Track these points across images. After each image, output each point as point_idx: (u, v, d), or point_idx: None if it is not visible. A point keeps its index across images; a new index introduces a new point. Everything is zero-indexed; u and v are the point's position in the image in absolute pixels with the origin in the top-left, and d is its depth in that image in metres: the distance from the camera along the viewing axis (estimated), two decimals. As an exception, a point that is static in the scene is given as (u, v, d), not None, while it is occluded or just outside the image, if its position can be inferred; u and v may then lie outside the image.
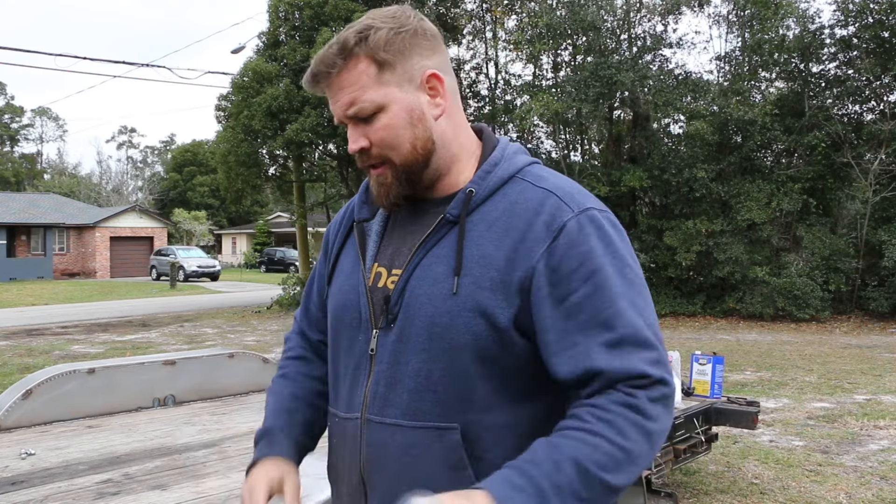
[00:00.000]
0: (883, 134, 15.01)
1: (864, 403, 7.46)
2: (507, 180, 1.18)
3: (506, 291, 1.10)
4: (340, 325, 1.26)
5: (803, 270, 15.05)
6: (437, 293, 1.13)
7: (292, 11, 18.55)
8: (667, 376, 1.08)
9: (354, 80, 1.15)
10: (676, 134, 18.42)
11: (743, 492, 4.79)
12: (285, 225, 45.10)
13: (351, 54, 1.14)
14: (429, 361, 1.13)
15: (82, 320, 16.79)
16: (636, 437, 1.04)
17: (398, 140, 1.16)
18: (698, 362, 4.72)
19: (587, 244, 1.10)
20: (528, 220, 1.13)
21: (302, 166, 20.68)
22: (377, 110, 1.15)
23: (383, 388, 1.17)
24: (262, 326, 15.59)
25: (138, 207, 42.83)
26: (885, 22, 15.45)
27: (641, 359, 1.06)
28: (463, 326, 1.11)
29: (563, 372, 1.09)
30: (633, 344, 1.07)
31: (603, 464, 1.02)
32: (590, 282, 1.09)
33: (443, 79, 1.18)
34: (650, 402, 1.05)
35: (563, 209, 1.13)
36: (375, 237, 1.25)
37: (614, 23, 17.73)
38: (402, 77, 1.15)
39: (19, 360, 10.70)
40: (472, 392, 1.12)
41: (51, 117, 72.52)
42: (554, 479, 1.01)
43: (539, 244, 1.11)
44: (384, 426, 1.16)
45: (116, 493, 2.50)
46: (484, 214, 1.16)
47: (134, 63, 27.60)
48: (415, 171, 1.18)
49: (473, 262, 1.12)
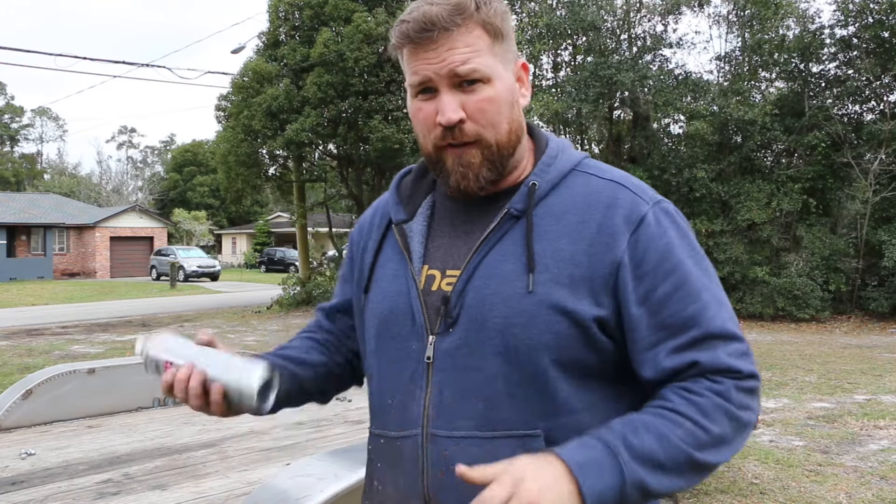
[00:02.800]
0: (883, 134, 15.01)
1: (864, 403, 7.46)
2: (567, 173, 1.13)
3: (590, 287, 1.05)
4: (387, 335, 1.15)
5: (803, 270, 15.05)
6: (510, 292, 1.05)
7: (292, 11, 18.54)
8: (755, 370, 1.06)
9: (471, 43, 1.07)
10: (676, 134, 18.43)
11: (743, 492, 4.78)
12: (285, 225, 45.08)
13: (470, 17, 1.07)
14: (505, 365, 1.05)
15: (82, 320, 16.79)
16: (722, 420, 1.01)
17: (500, 117, 1.09)
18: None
19: (666, 237, 1.07)
20: (604, 213, 1.08)
21: (302, 166, 20.67)
22: (485, 80, 1.07)
23: (450, 399, 1.08)
24: (262, 326, 15.59)
25: (138, 207, 42.82)
26: (885, 22, 15.44)
27: (729, 352, 1.04)
28: (543, 326, 1.04)
29: (649, 371, 1.06)
30: (721, 338, 1.04)
31: (684, 438, 0.99)
32: (673, 276, 1.06)
33: (529, 70, 1.16)
34: (738, 391, 1.02)
35: (639, 201, 1.09)
36: (420, 238, 1.17)
37: (614, 23, 17.74)
38: (506, 56, 1.11)
39: (19, 360, 10.69)
40: (554, 395, 1.05)
41: (51, 117, 72.59)
42: (628, 439, 0.98)
43: (620, 237, 1.06)
44: (453, 440, 1.06)
45: (116, 492, 2.50)
46: (549, 208, 1.10)
47: (134, 63, 27.59)
48: (506, 156, 1.11)
49: (547, 257, 1.06)
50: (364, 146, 17.76)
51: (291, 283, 20.11)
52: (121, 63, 21.36)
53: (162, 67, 47.23)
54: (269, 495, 1.97)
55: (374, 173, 19.40)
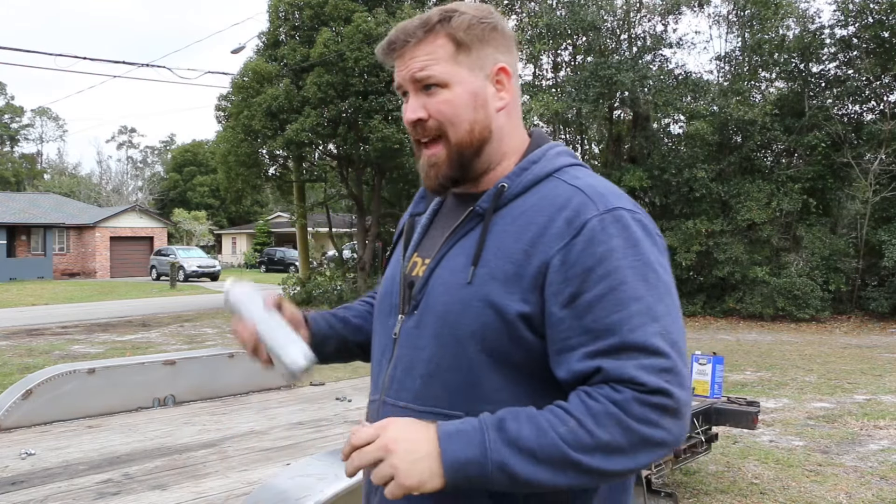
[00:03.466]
0: (883, 134, 15.01)
1: (864, 403, 7.46)
2: (543, 178, 1.19)
3: (519, 284, 1.10)
4: (380, 312, 1.32)
5: (803, 270, 15.06)
6: (454, 282, 1.15)
7: (292, 11, 18.53)
8: (671, 388, 1.02)
9: (430, 52, 1.19)
10: (676, 134, 18.43)
11: (743, 492, 4.78)
12: (285, 225, 45.08)
13: (432, 29, 1.19)
14: (440, 348, 1.15)
15: (82, 320, 16.79)
16: (612, 428, 1.01)
17: (458, 118, 1.19)
18: (698, 362, 4.72)
19: (608, 244, 1.08)
20: (551, 216, 1.12)
21: (302, 166, 20.66)
22: (442, 84, 1.18)
23: (400, 372, 1.20)
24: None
25: (138, 207, 42.81)
26: (885, 22, 15.45)
27: (640, 365, 1.03)
28: (473, 316, 1.11)
29: (562, 373, 1.08)
30: (637, 350, 1.03)
31: (564, 436, 1.01)
32: (604, 283, 1.06)
33: (510, 75, 1.23)
34: (638, 404, 1.01)
35: (588, 206, 1.11)
36: (421, 229, 1.31)
37: (614, 23, 17.74)
38: (475, 63, 1.20)
39: (19, 360, 10.69)
40: (478, 383, 1.12)
41: (51, 117, 72.56)
42: (504, 423, 1.02)
43: (557, 240, 1.10)
44: (397, 408, 1.19)
45: (116, 493, 2.50)
46: (512, 209, 1.17)
47: (134, 63, 27.60)
48: (466, 155, 1.20)
49: (491, 253, 1.13)
50: (364, 146, 17.75)
51: (291, 283, 20.11)
52: (121, 63, 21.39)
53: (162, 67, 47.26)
54: (269, 495, 1.98)
55: (374, 173, 19.40)
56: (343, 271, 20.57)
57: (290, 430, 3.36)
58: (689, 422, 1.07)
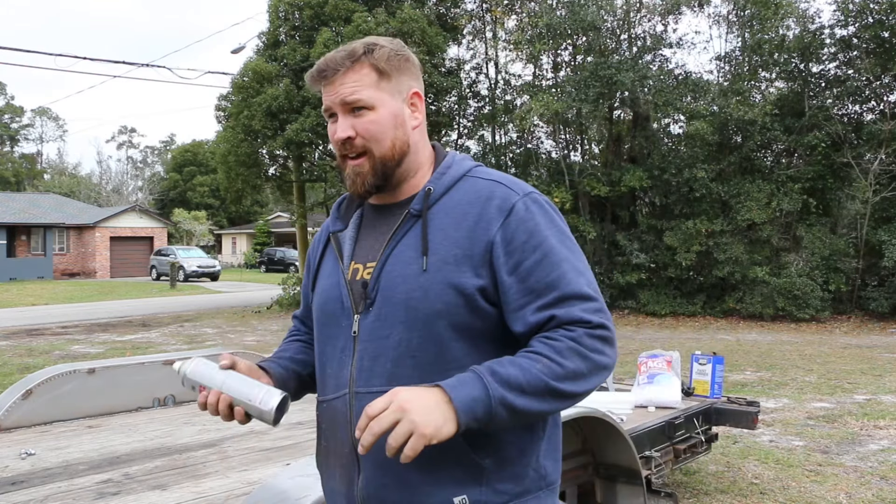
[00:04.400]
0: (883, 134, 15.01)
1: (864, 403, 7.46)
2: (459, 179, 1.41)
3: (470, 263, 1.31)
4: (325, 318, 1.44)
5: (803, 270, 15.05)
6: (410, 272, 1.32)
7: (292, 11, 18.54)
8: (606, 322, 1.29)
9: (357, 80, 1.37)
10: (676, 134, 18.42)
11: (743, 492, 4.78)
12: (285, 225, 45.08)
13: (358, 60, 1.38)
14: (407, 331, 1.31)
15: (82, 320, 16.79)
16: (575, 358, 1.24)
17: (382, 136, 1.38)
18: (698, 362, 4.72)
19: (533, 220, 1.33)
20: (482, 205, 1.34)
21: (302, 166, 20.67)
22: (369, 107, 1.37)
23: (368, 362, 1.34)
24: (262, 326, 15.59)
25: (138, 207, 42.81)
26: (885, 22, 15.44)
27: (583, 308, 1.28)
28: (435, 297, 1.30)
29: (519, 326, 1.30)
30: (577, 298, 1.29)
31: (542, 370, 1.22)
32: (538, 250, 1.31)
33: (422, 98, 1.45)
34: (589, 337, 1.26)
35: (511, 193, 1.36)
36: (350, 241, 1.46)
37: (614, 23, 17.73)
38: (394, 88, 1.40)
39: (19, 360, 10.69)
40: (447, 353, 1.30)
41: (51, 117, 72.55)
42: (493, 368, 1.22)
43: (494, 222, 1.32)
44: (370, 394, 1.30)
45: (116, 493, 2.50)
46: (442, 206, 1.37)
47: (134, 63, 27.60)
48: (389, 167, 1.39)
49: (437, 243, 1.33)
50: (364, 146, 17.72)
51: (291, 283, 20.11)
52: (121, 63, 21.40)
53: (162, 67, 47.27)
54: (269, 495, 1.98)
55: (374, 173, 19.37)
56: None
57: (290, 430, 3.36)
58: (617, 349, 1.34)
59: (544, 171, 18.14)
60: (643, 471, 3.41)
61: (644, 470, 3.48)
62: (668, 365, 4.42)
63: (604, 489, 3.42)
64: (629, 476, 3.34)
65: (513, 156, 19.36)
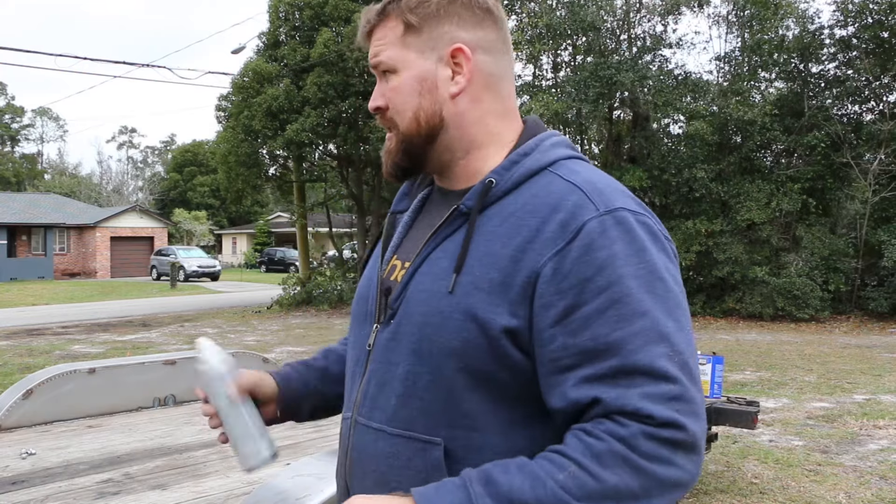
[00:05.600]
0: (882, 134, 15.02)
1: (864, 403, 7.46)
2: (537, 172, 1.04)
3: (506, 296, 0.96)
4: (354, 319, 1.18)
5: (803, 270, 15.06)
6: (435, 290, 1.01)
7: (292, 12, 18.55)
8: (683, 419, 0.89)
9: (382, 36, 1.10)
10: (676, 134, 18.42)
11: (742, 491, 4.79)
12: (285, 225, 45.06)
13: (385, 12, 1.10)
14: (417, 364, 1.01)
15: (83, 320, 16.79)
16: (620, 470, 0.87)
17: (403, 106, 1.08)
18: (698, 362, 4.72)
19: (609, 249, 0.94)
20: (544, 217, 0.97)
21: (302, 166, 20.68)
22: (392, 70, 1.09)
23: (374, 389, 1.07)
24: (262, 326, 15.59)
25: (139, 207, 42.81)
26: (885, 22, 15.45)
27: (646, 394, 0.89)
28: (453, 330, 0.97)
29: (556, 401, 0.95)
30: (644, 373, 0.90)
31: (565, 484, 0.87)
32: (604, 294, 0.92)
33: (469, 56, 1.07)
34: (647, 439, 0.88)
35: (586, 207, 0.97)
36: (402, 228, 1.17)
37: (614, 23, 17.74)
38: (426, 44, 1.07)
39: (20, 360, 10.70)
40: (458, 405, 0.99)
41: (51, 117, 72.56)
42: (492, 475, 0.90)
43: (550, 245, 0.95)
44: (369, 430, 1.07)
45: (117, 492, 2.50)
46: (503, 207, 1.02)
47: (134, 63, 27.58)
48: (415, 144, 1.09)
49: (476, 259, 0.99)
50: (364, 146, 17.76)
51: (291, 284, 20.12)
52: (121, 63, 21.35)
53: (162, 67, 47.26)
54: (269, 495, 1.98)
55: (373, 173, 19.40)
56: (343, 271, 20.58)
57: (291, 430, 3.36)
58: (703, 456, 0.94)
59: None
60: None
61: None
62: (668, 365, 4.43)
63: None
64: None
65: (513, 156, 19.35)
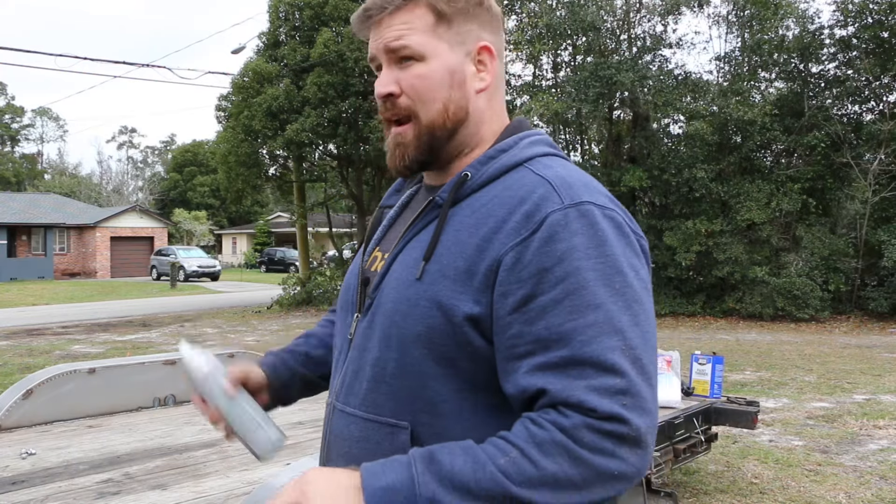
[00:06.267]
0: (882, 134, 15.02)
1: (864, 403, 7.47)
2: (512, 168, 1.06)
3: (470, 283, 0.99)
4: (340, 309, 1.23)
5: (803, 270, 15.06)
6: (405, 278, 1.05)
7: (292, 12, 18.55)
8: (627, 414, 0.90)
9: (408, 20, 1.08)
10: (676, 134, 18.42)
11: (742, 491, 4.79)
12: (285, 225, 45.07)
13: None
14: (386, 350, 1.05)
15: (83, 320, 16.79)
16: (560, 459, 0.89)
17: (431, 95, 1.08)
18: (698, 362, 4.73)
19: (569, 242, 0.95)
20: (511, 208, 1.00)
21: (302, 166, 20.68)
22: (418, 57, 1.08)
23: (350, 376, 1.12)
24: (262, 326, 15.59)
25: (139, 207, 42.81)
26: (885, 22, 15.45)
27: (591, 386, 0.90)
28: (418, 317, 1.01)
29: (509, 387, 0.97)
30: (591, 366, 0.91)
31: (505, 469, 0.89)
32: (561, 286, 0.94)
33: (494, 56, 1.12)
34: (590, 431, 0.89)
35: (551, 199, 0.99)
36: (387, 222, 1.21)
37: (614, 23, 17.74)
38: (456, 38, 1.09)
39: (20, 360, 10.70)
40: (423, 391, 1.02)
41: (51, 117, 72.57)
42: (435, 456, 0.92)
43: (513, 235, 0.98)
44: (345, 415, 1.11)
45: (117, 492, 2.50)
46: (474, 200, 1.05)
47: (134, 63, 27.58)
48: (438, 137, 1.09)
49: (445, 248, 1.02)
50: (364, 146, 17.76)
51: (291, 283, 20.12)
52: (121, 63, 21.35)
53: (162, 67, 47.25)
54: (269, 495, 1.97)
55: (373, 173, 19.41)
56: (343, 271, 20.58)
57: (290, 430, 3.36)
58: (652, 449, 0.94)
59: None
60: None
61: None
62: (668, 365, 4.43)
63: (603, 489, 3.42)
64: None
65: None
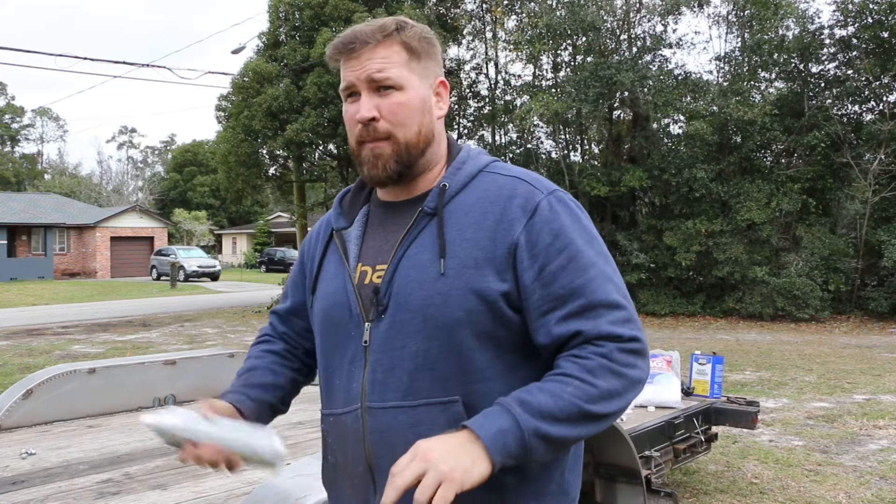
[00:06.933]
0: (882, 134, 15.02)
1: (864, 403, 7.47)
2: (476, 174, 1.30)
3: (492, 266, 1.20)
4: (331, 325, 1.32)
5: (803, 270, 15.06)
6: (427, 277, 1.21)
7: (292, 12, 18.55)
8: (637, 333, 1.20)
9: (387, 56, 1.26)
10: (676, 134, 18.44)
11: (742, 491, 4.79)
12: (285, 225, 45.09)
13: (390, 35, 1.27)
14: (425, 341, 1.21)
15: (83, 320, 16.79)
16: (608, 377, 1.15)
17: (409, 120, 1.26)
18: (698, 362, 4.72)
19: (558, 221, 1.23)
20: (504, 204, 1.24)
21: (302, 166, 20.68)
22: (398, 87, 1.26)
23: (381, 375, 1.23)
24: (262, 326, 15.58)
25: (139, 207, 42.81)
26: (885, 22, 15.46)
27: (611, 320, 1.19)
28: (455, 304, 1.19)
29: (543, 338, 1.21)
30: (604, 306, 1.19)
31: (575, 393, 1.13)
32: (563, 254, 1.21)
33: (448, 89, 1.34)
34: (620, 352, 1.17)
35: (535, 191, 1.25)
36: (356, 241, 1.34)
37: (614, 23, 17.74)
38: (423, 72, 1.30)
39: (20, 360, 10.70)
40: (469, 364, 1.20)
41: (51, 117, 72.55)
42: (522, 398, 1.13)
43: (517, 222, 1.22)
44: (386, 410, 1.23)
45: (117, 492, 2.50)
46: (459, 204, 1.26)
47: (134, 63, 27.54)
48: (413, 154, 1.28)
49: (456, 244, 1.22)
50: (364, 146, 17.70)
51: (291, 284, 20.08)
52: (121, 63, 21.32)
53: (162, 67, 47.16)
54: (269, 495, 1.98)
55: (374, 173, 19.37)
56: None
57: (290, 430, 3.36)
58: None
59: (544, 171, 18.13)
60: (643, 470, 3.41)
61: (644, 469, 3.48)
62: (668, 365, 4.43)
63: (603, 489, 3.42)
64: (629, 476, 3.35)
65: (513, 156, 19.37)
